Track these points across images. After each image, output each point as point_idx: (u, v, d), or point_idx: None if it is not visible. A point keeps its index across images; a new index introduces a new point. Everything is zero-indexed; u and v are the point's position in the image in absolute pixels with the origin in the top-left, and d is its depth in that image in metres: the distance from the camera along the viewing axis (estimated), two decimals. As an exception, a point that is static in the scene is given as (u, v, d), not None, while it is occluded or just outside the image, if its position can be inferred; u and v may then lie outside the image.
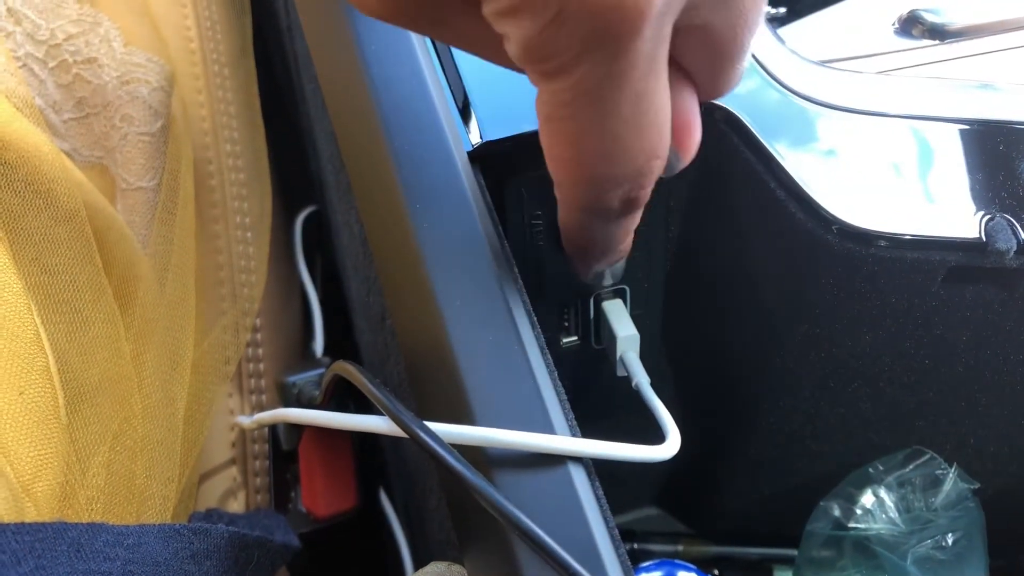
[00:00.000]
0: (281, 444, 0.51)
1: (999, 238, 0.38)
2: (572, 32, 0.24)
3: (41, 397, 0.31)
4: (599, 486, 0.28)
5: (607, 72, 0.25)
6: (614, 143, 0.27)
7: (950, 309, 0.41)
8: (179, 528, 0.31)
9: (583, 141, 0.27)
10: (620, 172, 0.28)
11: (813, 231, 0.38)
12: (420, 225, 0.34)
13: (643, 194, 0.30)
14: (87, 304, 0.37)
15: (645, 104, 0.26)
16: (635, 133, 0.27)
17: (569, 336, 0.45)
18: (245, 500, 0.50)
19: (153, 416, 0.39)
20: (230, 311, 0.52)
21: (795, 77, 0.40)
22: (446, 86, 0.39)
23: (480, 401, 0.29)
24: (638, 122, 0.26)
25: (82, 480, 0.33)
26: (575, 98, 0.26)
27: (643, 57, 0.25)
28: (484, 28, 0.26)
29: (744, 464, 0.53)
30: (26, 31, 0.46)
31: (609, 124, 0.26)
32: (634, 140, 0.27)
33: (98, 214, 0.39)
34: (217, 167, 0.55)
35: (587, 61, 0.24)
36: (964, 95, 0.41)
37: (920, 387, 0.45)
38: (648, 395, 0.37)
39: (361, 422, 0.31)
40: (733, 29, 0.27)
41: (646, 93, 0.26)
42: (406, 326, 0.37)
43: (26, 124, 0.37)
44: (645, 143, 0.27)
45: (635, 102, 0.26)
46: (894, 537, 0.46)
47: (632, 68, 0.25)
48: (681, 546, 0.59)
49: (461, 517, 0.34)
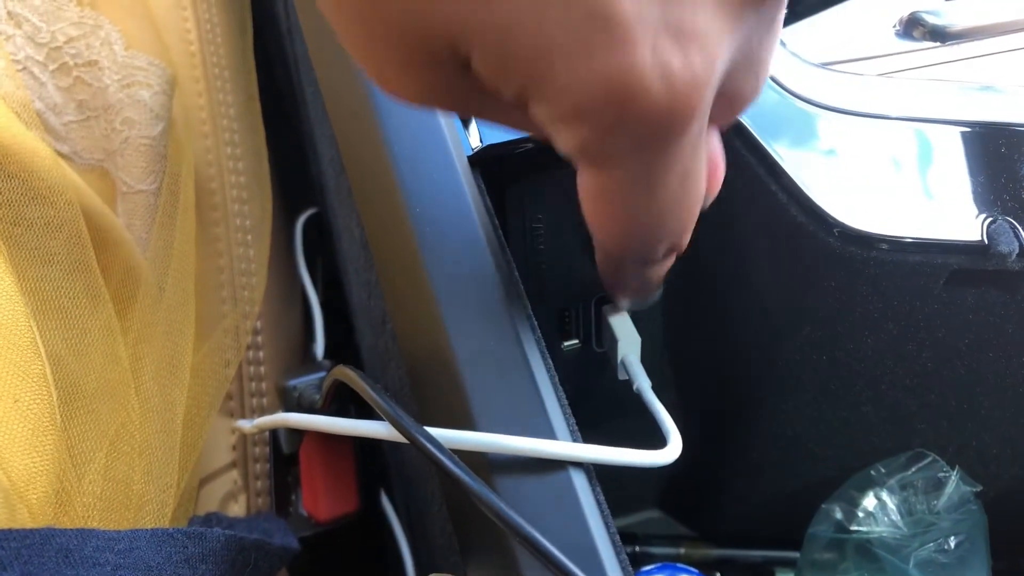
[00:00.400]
0: (282, 447, 0.51)
1: (1001, 241, 0.37)
2: (627, 136, 0.24)
3: (37, 404, 0.31)
4: (600, 491, 0.28)
5: (657, 162, 0.25)
6: (660, 216, 0.28)
7: (952, 312, 0.41)
8: (172, 532, 0.31)
9: (631, 218, 0.28)
10: (666, 235, 0.29)
11: (814, 234, 0.38)
12: (421, 229, 0.34)
13: (685, 239, 0.30)
14: (84, 311, 0.37)
15: (691, 178, 0.27)
16: (681, 204, 0.28)
17: (570, 339, 0.45)
18: (246, 503, 0.50)
19: (151, 421, 0.39)
20: (230, 314, 0.52)
21: (796, 80, 0.40)
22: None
23: (481, 406, 0.29)
24: (687, 195, 0.27)
25: (78, 487, 0.33)
26: (624, 184, 0.26)
27: (690, 143, 0.25)
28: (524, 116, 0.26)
29: (746, 467, 0.53)
30: (26, 34, 0.45)
31: (657, 203, 0.27)
32: (680, 209, 0.28)
33: (96, 219, 0.39)
34: (217, 170, 0.55)
35: (639, 156, 0.25)
36: (965, 97, 0.41)
37: (922, 390, 0.45)
38: (649, 399, 0.37)
39: (362, 428, 0.31)
40: (758, 85, 0.28)
41: (692, 170, 0.26)
42: (407, 330, 0.37)
43: (24, 130, 0.37)
44: (691, 207, 0.28)
45: (683, 180, 0.26)
46: (896, 540, 0.46)
47: (680, 154, 0.25)
48: (683, 549, 0.59)
49: (462, 522, 0.33)
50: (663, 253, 0.30)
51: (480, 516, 0.26)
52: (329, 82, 0.47)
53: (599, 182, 0.27)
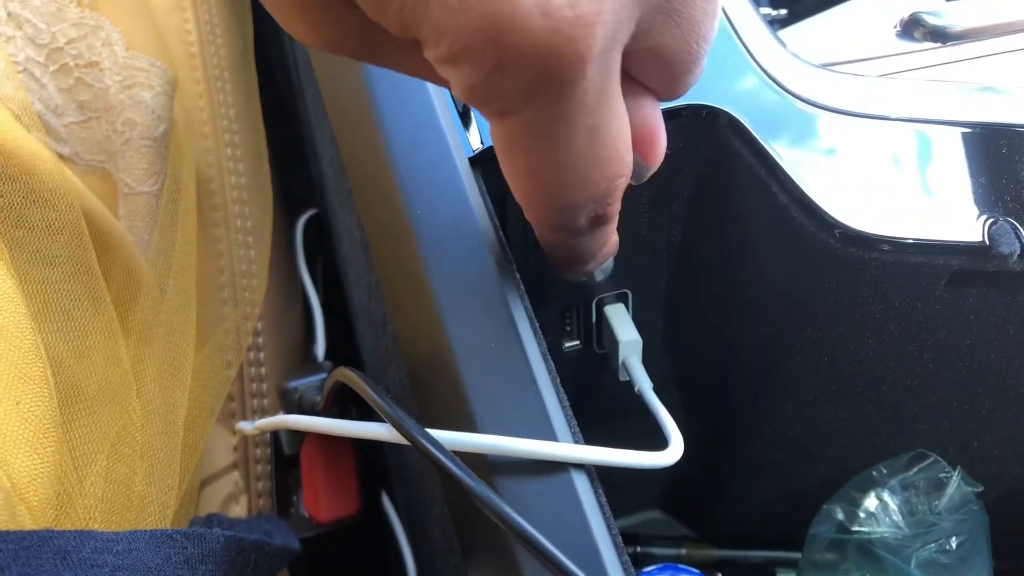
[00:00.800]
0: (283, 449, 0.51)
1: (1002, 242, 0.37)
2: (513, 80, 0.23)
3: (38, 406, 0.31)
4: (602, 492, 0.28)
5: (555, 112, 0.24)
6: (572, 174, 0.27)
7: (953, 313, 0.41)
8: (171, 533, 0.31)
9: (540, 175, 0.27)
10: (582, 198, 0.28)
11: (815, 235, 0.38)
12: (421, 230, 0.34)
13: (610, 210, 0.29)
14: (86, 313, 0.37)
15: (599, 136, 0.26)
16: (592, 163, 0.27)
17: (571, 340, 0.45)
18: (247, 505, 0.50)
19: (153, 423, 0.39)
20: (231, 315, 0.52)
21: (797, 80, 0.40)
22: (447, 91, 0.39)
23: (482, 407, 0.29)
24: (595, 153, 0.26)
25: (80, 488, 0.33)
26: (527, 135, 0.25)
27: (591, 94, 0.24)
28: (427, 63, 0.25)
29: (747, 468, 0.53)
30: (27, 35, 0.45)
31: (564, 159, 0.26)
32: (592, 170, 0.27)
33: (97, 221, 0.39)
34: (218, 171, 0.55)
35: (533, 104, 0.24)
36: (966, 98, 0.41)
37: (923, 391, 0.45)
38: (651, 400, 0.37)
39: (363, 430, 0.31)
40: (686, 44, 0.27)
41: (599, 126, 0.26)
42: (407, 331, 0.37)
43: (25, 133, 0.37)
44: (605, 170, 0.27)
45: (589, 135, 0.26)
46: (898, 540, 0.46)
47: (580, 106, 0.24)
48: (684, 550, 0.59)
49: (464, 523, 0.33)
50: (587, 221, 0.29)
51: (482, 518, 0.26)
52: (329, 83, 0.47)
53: (500, 132, 0.26)
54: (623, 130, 0.27)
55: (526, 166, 0.27)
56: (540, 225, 0.30)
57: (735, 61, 0.40)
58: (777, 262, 0.41)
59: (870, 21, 0.47)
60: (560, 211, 0.29)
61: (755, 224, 0.41)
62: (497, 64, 0.23)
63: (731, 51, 0.40)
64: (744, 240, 0.42)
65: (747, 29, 0.41)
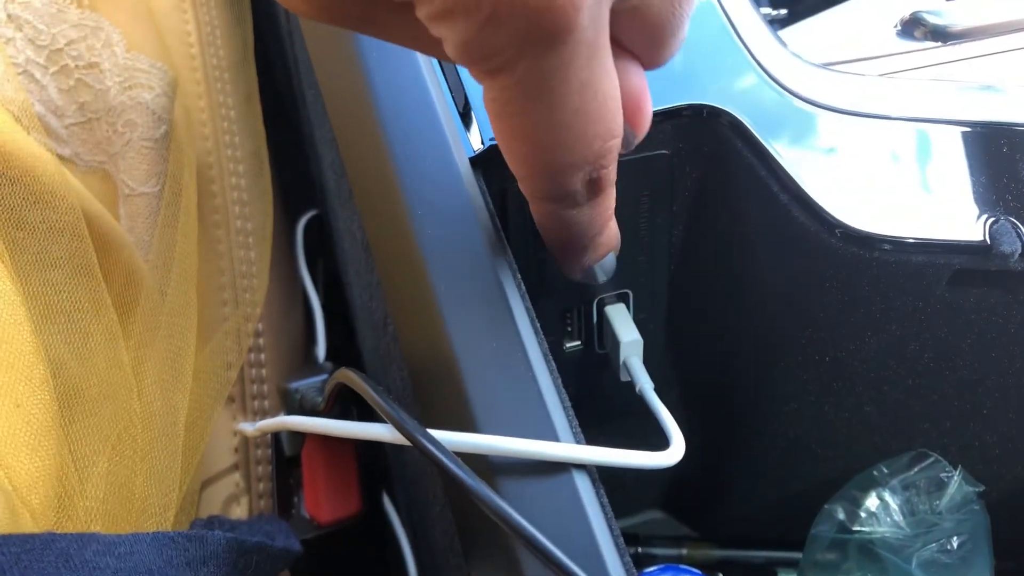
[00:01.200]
0: (284, 450, 0.51)
1: (1003, 241, 0.37)
2: (507, 32, 0.24)
3: (39, 409, 0.31)
4: (603, 493, 0.28)
5: (548, 66, 0.25)
6: (567, 132, 0.27)
7: (954, 312, 0.41)
8: (173, 536, 0.31)
9: (535, 134, 0.27)
10: (577, 158, 0.28)
11: (816, 235, 0.38)
12: (422, 231, 0.34)
13: (605, 174, 0.30)
14: (86, 315, 0.37)
15: (591, 91, 0.26)
16: (585, 120, 0.27)
17: (572, 340, 0.45)
18: (248, 506, 0.50)
19: (154, 424, 0.39)
20: (232, 317, 0.52)
21: (797, 80, 0.40)
22: (447, 90, 0.39)
23: (483, 408, 0.29)
24: (587, 109, 0.27)
25: (81, 490, 0.33)
26: (521, 93, 0.26)
27: (583, 47, 0.25)
28: (419, 27, 0.26)
29: (748, 467, 0.53)
30: (27, 36, 0.45)
31: (558, 115, 0.26)
32: (586, 127, 0.27)
33: (98, 223, 0.39)
34: (218, 172, 0.55)
35: (527, 57, 0.24)
36: (967, 97, 0.41)
37: (924, 390, 0.45)
38: (652, 400, 0.37)
39: (365, 431, 0.31)
40: (668, 6, 0.27)
41: (591, 81, 0.26)
42: (408, 332, 0.37)
43: (25, 135, 0.37)
44: (598, 127, 0.27)
45: (581, 91, 0.26)
46: (899, 540, 0.46)
47: (573, 59, 0.25)
48: (685, 550, 0.59)
49: (465, 524, 0.33)
50: (583, 186, 0.29)
51: (483, 518, 0.26)
52: (329, 84, 0.47)
53: (494, 93, 0.26)
54: (614, 88, 0.27)
55: (520, 127, 0.27)
56: (536, 195, 0.30)
57: (736, 61, 0.40)
58: (778, 261, 0.41)
59: (870, 20, 0.47)
60: (555, 174, 0.29)
61: (756, 224, 0.41)
62: (491, 15, 0.23)
63: (732, 51, 0.40)
64: (745, 240, 0.42)
65: (747, 29, 0.41)
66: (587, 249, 0.34)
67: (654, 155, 0.40)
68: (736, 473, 0.55)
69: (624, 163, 0.39)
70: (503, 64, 0.25)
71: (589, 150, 0.28)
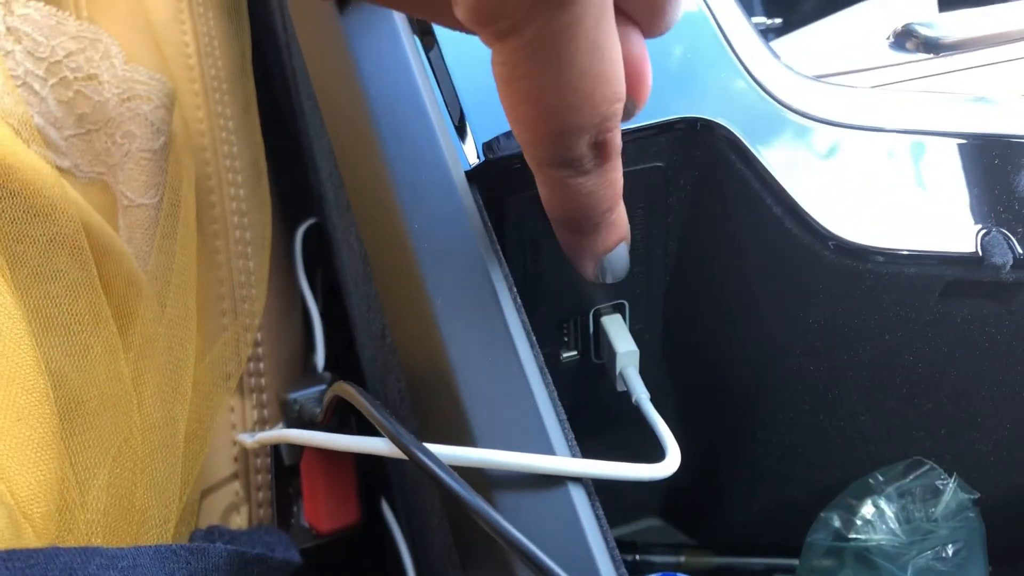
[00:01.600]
0: (283, 459, 0.51)
1: (995, 252, 0.38)
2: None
3: (40, 422, 0.31)
4: (599, 505, 0.28)
5: (558, 26, 0.25)
6: (575, 93, 0.27)
7: (947, 323, 0.41)
8: (175, 548, 0.31)
9: (544, 97, 0.27)
10: (584, 120, 0.28)
11: (810, 247, 0.38)
12: (419, 244, 0.34)
13: (611, 137, 0.30)
14: (86, 328, 0.37)
15: (600, 52, 0.26)
16: (593, 81, 0.27)
17: (569, 351, 0.46)
18: (248, 515, 0.50)
19: (153, 436, 0.40)
20: (231, 327, 0.52)
21: (790, 92, 0.40)
22: (443, 104, 0.39)
23: (480, 422, 0.29)
24: (595, 70, 0.27)
25: (82, 503, 0.33)
26: (530, 55, 0.26)
27: (592, 7, 0.25)
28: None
29: (745, 476, 0.53)
30: (26, 49, 0.46)
31: (567, 76, 0.27)
32: (593, 88, 0.27)
33: (97, 235, 0.39)
34: (217, 183, 0.55)
35: (538, 17, 0.25)
36: (959, 109, 0.41)
37: (919, 399, 0.45)
38: (648, 411, 0.37)
39: (362, 444, 0.31)
40: None
41: (599, 41, 0.26)
42: (406, 344, 0.37)
43: (24, 148, 0.37)
44: (605, 89, 0.28)
45: (590, 51, 0.26)
46: (894, 548, 0.46)
47: (583, 19, 0.25)
48: (683, 557, 0.59)
49: (462, 536, 0.34)
50: (589, 149, 0.30)
51: (480, 531, 0.26)
52: (326, 96, 0.47)
53: (504, 56, 0.26)
54: (618, 50, 0.28)
55: (529, 90, 0.27)
56: (544, 161, 0.30)
57: (729, 74, 0.40)
58: (772, 273, 0.42)
59: (863, 32, 0.47)
60: (562, 137, 0.29)
61: (750, 235, 0.41)
62: None
63: (725, 63, 0.41)
64: (739, 251, 0.42)
65: (740, 40, 0.42)
66: (598, 230, 0.33)
67: (649, 168, 0.40)
68: (733, 481, 0.55)
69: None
70: (513, 26, 0.25)
71: (596, 112, 0.28)
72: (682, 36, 0.41)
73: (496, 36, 0.26)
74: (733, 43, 0.41)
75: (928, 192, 0.39)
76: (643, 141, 0.39)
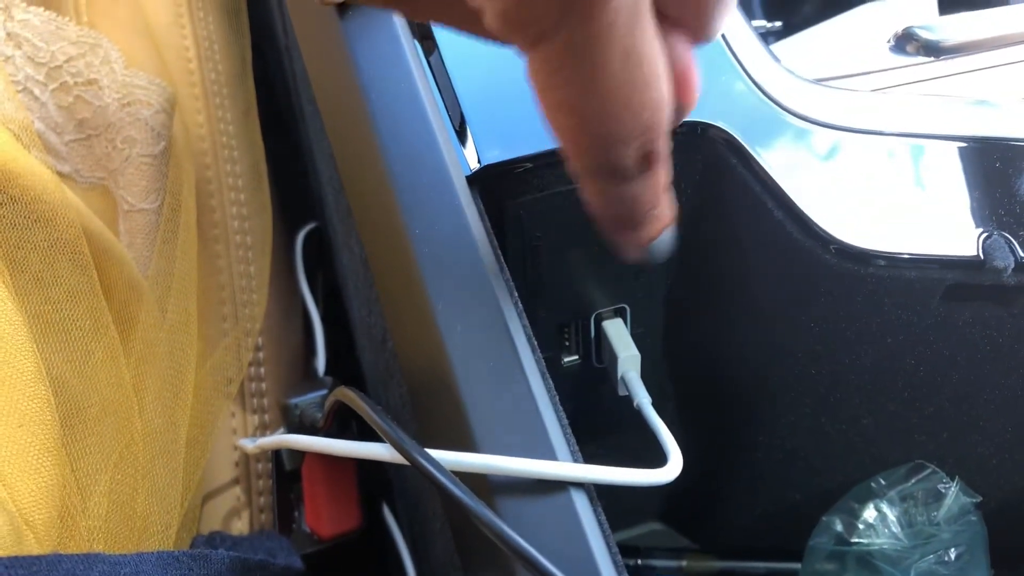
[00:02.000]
0: (284, 464, 0.51)
1: (996, 256, 0.38)
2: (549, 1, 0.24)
3: (41, 428, 0.31)
4: (601, 511, 0.28)
5: (590, 32, 0.24)
6: (613, 102, 0.27)
7: (949, 326, 0.41)
8: (177, 555, 0.31)
9: (581, 105, 0.27)
10: (627, 129, 0.28)
11: (811, 251, 0.38)
12: (420, 249, 0.34)
13: (658, 146, 0.29)
14: (87, 333, 0.37)
15: (636, 58, 0.26)
16: (632, 88, 0.26)
17: (571, 355, 0.46)
18: (249, 520, 0.50)
19: (155, 442, 0.39)
20: (232, 332, 0.52)
21: (791, 96, 0.40)
22: (443, 109, 0.39)
23: (481, 427, 0.29)
24: (633, 77, 0.26)
25: (83, 509, 0.33)
26: (564, 63, 0.26)
27: (623, 12, 0.24)
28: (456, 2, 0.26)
29: (747, 479, 0.53)
30: (26, 54, 0.46)
31: (603, 83, 0.26)
32: (633, 95, 0.27)
33: (98, 240, 0.39)
34: (217, 187, 0.55)
35: (567, 24, 0.24)
36: (960, 112, 0.41)
37: (921, 402, 0.45)
38: (650, 415, 0.37)
39: (364, 450, 0.31)
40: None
41: (635, 47, 0.26)
42: (407, 349, 0.37)
43: (25, 153, 0.37)
44: (645, 96, 0.27)
45: (625, 58, 0.26)
46: (897, 552, 0.46)
47: (614, 25, 0.25)
48: (685, 561, 0.59)
49: (464, 542, 0.34)
50: (635, 158, 0.29)
51: (483, 537, 0.26)
52: (327, 100, 0.47)
53: (538, 64, 0.26)
54: (659, 56, 0.27)
55: (566, 99, 0.27)
56: (587, 171, 0.30)
57: (730, 78, 0.40)
58: (773, 277, 0.42)
59: (863, 35, 0.47)
60: (605, 148, 0.28)
61: (751, 239, 0.41)
62: None
63: (726, 67, 0.41)
64: (740, 255, 0.42)
65: (741, 44, 0.42)
66: (643, 224, 0.32)
67: (650, 172, 0.40)
68: (734, 484, 0.55)
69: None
70: (544, 32, 0.25)
71: (638, 120, 0.27)
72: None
73: (528, 44, 0.26)
74: (734, 47, 0.41)
75: (929, 195, 0.39)
76: (644, 145, 0.39)
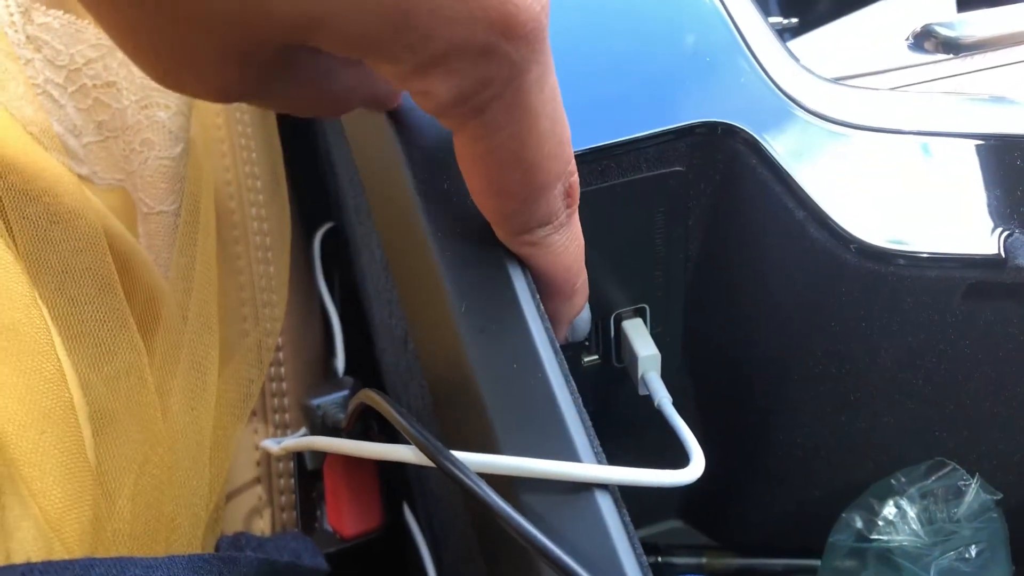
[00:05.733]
0: (306, 463, 0.52)
1: (1018, 254, 0.38)
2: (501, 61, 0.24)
3: (66, 433, 0.31)
4: (626, 512, 0.28)
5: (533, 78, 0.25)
6: (550, 141, 0.28)
7: (970, 325, 0.41)
8: (208, 558, 0.31)
9: (524, 153, 0.27)
10: (562, 167, 0.29)
11: (832, 250, 0.38)
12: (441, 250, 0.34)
13: (574, 180, 0.30)
14: (111, 334, 0.37)
15: (558, 95, 0.27)
16: (562, 125, 0.28)
17: (590, 355, 0.46)
18: (271, 519, 0.50)
19: (179, 444, 0.40)
20: (252, 332, 0.52)
21: (809, 95, 0.40)
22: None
23: (505, 429, 0.29)
24: (558, 114, 0.27)
25: (110, 512, 0.34)
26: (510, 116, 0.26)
27: (548, 60, 0.26)
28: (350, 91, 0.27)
29: (766, 477, 0.53)
30: (46, 57, 0.46)
31: (544, 125, 0.27)
32: (563, 132, 0.28)
33: (118, 242, 0.39)
34: (236, 189, 0.56)
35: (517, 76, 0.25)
36: (979, 110, 0.41)
37: (941, 400, 0.45)
38: (670, 415, 0.38)
39: (389, 452, 0.31)
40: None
41: (555, 83, 0.27)
42: (428, 351, 0.37)
43: (46, 154, 0.37)
44: (566, 131, 0.28)
45: (553, 96, 0.27)
46: (917, 549, 0.46)
47: (548, 64, 0.26)
48: (705, 559, 0.59)
49: (488, 543, 0.34)
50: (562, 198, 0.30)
51: (507, 538, 0.26)
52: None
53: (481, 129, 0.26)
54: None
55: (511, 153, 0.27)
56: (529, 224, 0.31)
57: (748, 77, 0.40)
58: (793, 276, 0.42)
59: (881, 32, 0.47)
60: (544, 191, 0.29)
61: (771, 239, 0.41)
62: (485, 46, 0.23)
63: (744, 67, 0.41)
64: (761, 254, 0.42)
65: (759, 43, 0.42)
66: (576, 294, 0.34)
67: (669, 172, 0.40)
68: (754, 482, 0.55)
69: (640, 180, 0.40)
70: (496, 93, 0.25)
71: (567, 155, 0.29)
72: (700, 39, 0.41)
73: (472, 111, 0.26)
74: (752, 45, 0.41)
75: (950, 194, 0.39)
76: (664, 146, 0.39)
